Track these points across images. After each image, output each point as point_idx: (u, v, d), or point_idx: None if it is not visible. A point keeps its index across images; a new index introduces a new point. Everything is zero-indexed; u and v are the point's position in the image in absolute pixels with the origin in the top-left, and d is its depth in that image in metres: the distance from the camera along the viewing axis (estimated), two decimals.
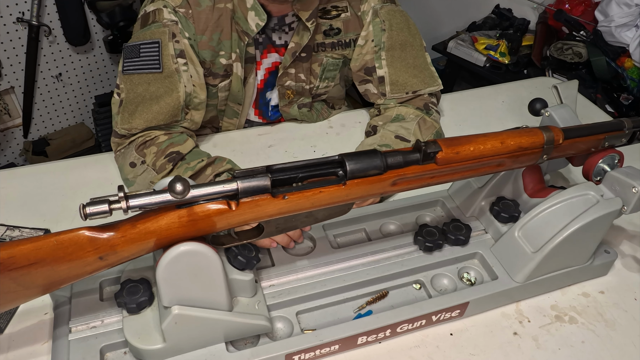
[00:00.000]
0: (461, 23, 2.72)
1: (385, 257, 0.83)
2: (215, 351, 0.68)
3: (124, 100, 1.02)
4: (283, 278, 0.78)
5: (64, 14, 2.15)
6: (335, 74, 1.22)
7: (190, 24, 1.04)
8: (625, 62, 2.05)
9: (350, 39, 1.17)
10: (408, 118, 1.12)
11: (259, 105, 1.22)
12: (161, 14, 1.03)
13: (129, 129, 1.02)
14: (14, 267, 0.57)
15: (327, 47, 1.16)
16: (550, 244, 0.78)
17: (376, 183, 0.68)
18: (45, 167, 1.11)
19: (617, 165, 0.85)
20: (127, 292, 0.69)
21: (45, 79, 2.27)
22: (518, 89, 1.44)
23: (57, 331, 0.70)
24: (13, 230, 0.91)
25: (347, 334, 0.73)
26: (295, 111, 1.22)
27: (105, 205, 0.55)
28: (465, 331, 0.80)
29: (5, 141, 2.30)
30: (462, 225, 0.86)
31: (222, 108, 1.19)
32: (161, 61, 1.01)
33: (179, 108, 1.03)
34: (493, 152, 0.73)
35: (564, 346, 0.79)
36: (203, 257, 0.63)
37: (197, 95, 1.06)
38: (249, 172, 0.63)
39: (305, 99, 1.22)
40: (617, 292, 0.88)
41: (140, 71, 1.01)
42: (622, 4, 2.06)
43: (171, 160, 0.98)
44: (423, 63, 1.19)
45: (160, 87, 1.01)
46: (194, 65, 1.05)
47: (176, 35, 1.02)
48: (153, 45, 1.01)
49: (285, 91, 1.18)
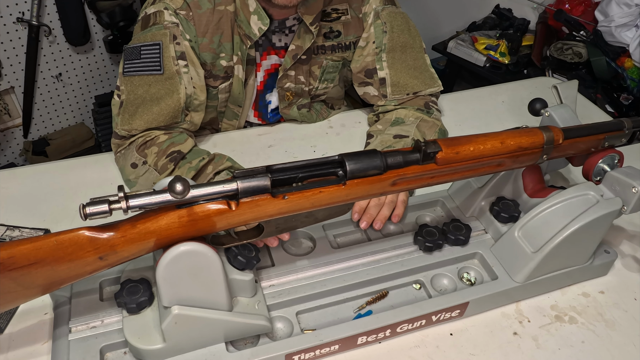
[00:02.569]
0: (461, 23, 2.72)
1: (385, 257, 0.83)
2: (215, 351, 0.69)
3: (125, 102, 1.02)
4: (283, 278, 0.78)
5: (64, 14, 2.15)
6: (335, 76, 1.22)
7: (191, 26, 1.04)
8: (625, 62, 2.05)
9: (350, 42, 1.17)
10: (408, 121, 1.12)
11: (258, 107, 1.22)
12: (162, 16, 1.03)
13: (129, 130, 1.02)
14: (14, 267, 0.57)
15: (327, 50, 1.16)
16: (550, 244, 0.78)
17: (376, 183, 0.68)
18: (45, 167, 1.10)
19: (617, 165, 0.85)
20: (127, 292, 0.69)
21: (45, 79, 2.27)
22: (518, 89, 1.44)
23: (57, 331, 0.70)
24: (13, 230, 0.91)
25: (347, 334, 0.73)
26: (295, 112, 1.22)
27: (105, 205, 0.55)
28: (465, 331, 0.80)
29: (5, 141, 2.30)
30: (462, 225, 0.86)
31: (222, 110, 1.19)
32: (162, 63, 1.01)
33: (179, 110, 1.03)
34: (493, 152, 0.73)
35: (564, 346, 0.79)
36: (203, 257, 0.63)
37: (197, 97, 1.06)
38: (249, 172, 0.63)
39: (304, 99, 1.22)
40: (617, 292, 0.88)
41: (141, 73, 1.01)
42: (622, 4, 2.06)
43: (172, 160, 0.98)
44: (423, 65, 1.19)
45: (161, 88, 1.01)
46: (194, 67, 1.05)
47: (177, 37, 1.02)
48: (154, 47, 1.01)
49: (285, 93, 1.19)
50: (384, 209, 0.89)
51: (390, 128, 1.12)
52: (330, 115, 1.29)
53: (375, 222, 0.88)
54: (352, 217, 0.88)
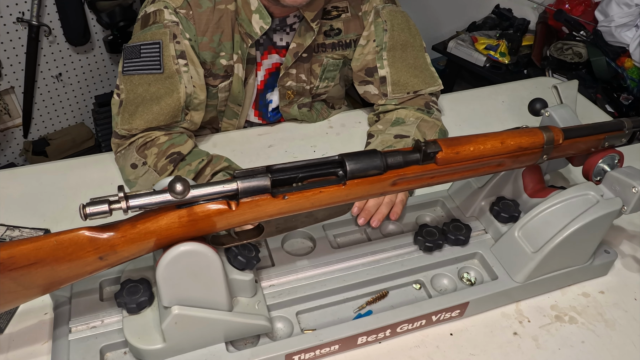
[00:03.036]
0: (461, 23, 2.72)
1: (385, 257, 0.83)
2: (215, 351, 0.68)
3: (124, 101, 1.02)
4: (283, 278, 0.78)
5: (64, 14, 2.15)
6: (335, 74, 1.22)
7: (191, 25, 1.04)
8: (625, 62, 2.05)
9: (351, 40, 1.17)
10: (408, 121, 1.12)
11: (258, 107, 1.22)
12: (162, 14, 1.03)
13: (129, 130, 1.02)
14: (14, 267, 0.57)
15: (327, 48, 1.16)
16: (550, 244, 0.78)
17: (376, 183, 0.68)
18: (45, 167, 1.11)
19: (617, 165, 0.85)
20: (127, 292, 0.69)
21: (45, 79, 2.27)
22: (518, 89, 1.44)
23: (57, 331, 0.70)
24: (13, 230, 0.91)
25: (347, 334, 0.73)
26: (295, 111, 1.22)
27: (105, 205, 0.55)
28: (465, 331, 0.80)
29: (5, 141, 2.30)
30: (462, 225, 0.86)
31: (221, 109, 1.19)
32: (162, 62, 1.01)
33: (179, 109, 1.03)
34: (493, 152, 0.73)
35: (564, 346, 0.79)
36: (203, 257, 0.63)
37: (197, 96, 1.06)
38: (249, 172, 0.63)
39: (305, 99, 1.22)
40: (617, 292, 0.88)
41: (141, 72, 1.01)
42: (622, 4, 2.06)
43: (172, 161, 0.98)
44: (423, 63, 1.19)
45: (161, 87, 1.01)
46: (194, 66, 1.05)
47: (177, 36, 1.02)
48: (154, 46, 1.01)
49: (286, 92, 1.19)
50: (382, 208, 0.89)
51: (390, 128, 1.12)
52: (331, 115, 1.29)
53: (373, 220, 0.88)
54: (352, 211, 0.88)
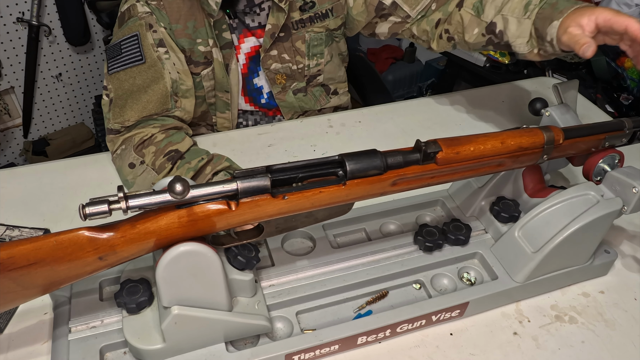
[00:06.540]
0: None
1: (385, 257, 0.83)
2: (215, 351, 0.68)
3: (114, 98, 1.04)
4: (283, 278, 0.78)
5: (64, 14, 2.15)
6: (322, 49, 1.22)
7: (164, 14, 1.07)
8: (625, 62, 2.05)
9: (327, 9, 1.18)
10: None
11: (247, 92, 1.23)
12: (135, 8, 1.06)
13: (121, 122, 1.03)
14: (13, 267, 0.57)
15: (305, 23, 1.17)
16: (550, 244, 0.78)
17: (376, 183, 0.68)
18: (45, 167, 1.10)
19: (617, 165, 0.85)
20: (126, 292, 0.69)
21: (45, 79, 2.27)
22: (518, 89, 1.44)
23: (57, 331, 0.70)
24: (13, 230, 0.91)
25: (347, 334, 0.73)
26: (291, 97, 1.22)
27: (105, 205, 0.55)
28: (465, 331, 0.80)
29: (5, 141, 2.30)
30: (462, 225, 0.86)
31: (211, 101, 1.20)
32: (143, 52, 1.03)
33: (168, 95, 1.05)
34: (493, 152, 0.73)
35: (564, 346, 0.79)
36: (203, 257, 0.63)
37: (183, 82, 1.08)
38: (248, 172, 0.63)
39: (299, 83, 1.22)
40: (617, 292, 0.88)
41: (125, 67, 1.03)
42: (622, 3, 2.06)
43: (170, 159, 0.98)
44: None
45: (146, 77, 1.03)
46: (175, 53, 1.07)
47: (153, 25, 1.05)
48: (132, 39, 1.04)
49: (275, 76, 1.19)
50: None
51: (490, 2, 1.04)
52: (330, 103, 1.28)
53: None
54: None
